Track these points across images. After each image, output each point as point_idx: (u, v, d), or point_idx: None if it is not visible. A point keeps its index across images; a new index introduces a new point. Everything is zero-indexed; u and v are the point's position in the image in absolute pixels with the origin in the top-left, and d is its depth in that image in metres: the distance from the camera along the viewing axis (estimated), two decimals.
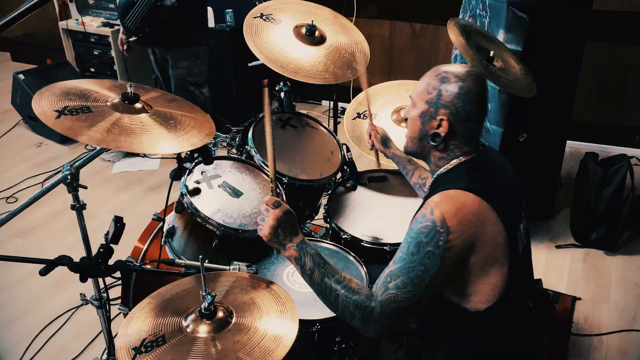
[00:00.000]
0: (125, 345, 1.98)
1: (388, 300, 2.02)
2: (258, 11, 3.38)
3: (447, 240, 1.97)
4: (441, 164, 2.24)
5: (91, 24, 6.58)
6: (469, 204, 2.03)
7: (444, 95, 2.14)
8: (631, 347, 3.64)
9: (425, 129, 2.21)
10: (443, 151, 2.22)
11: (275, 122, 3.45)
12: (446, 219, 1.98)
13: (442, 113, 2.14)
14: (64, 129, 2.15)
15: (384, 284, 2.05)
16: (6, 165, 5.77)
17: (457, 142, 2.19)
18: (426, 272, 1.99)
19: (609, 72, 5.53)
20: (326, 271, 2.13)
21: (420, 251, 1.99)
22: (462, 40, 3.09)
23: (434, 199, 2.06)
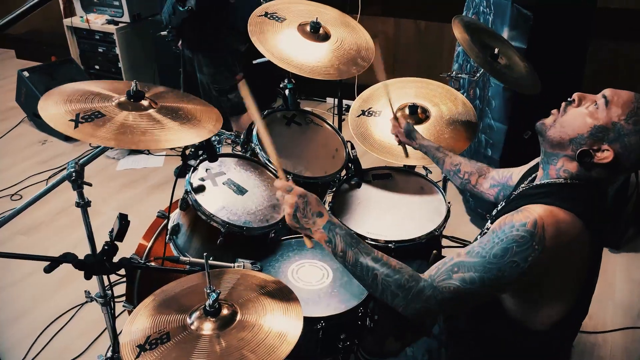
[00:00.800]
0: (130, 343, 1.99)
1: (446, 289, 1.94)
2: (262, 10, 3.38)
3: (538, 257, 1.85)
4: (563, 175, 2.10)
5: (96, 22, 6.58)
6: (573, 230, 1.91)
7: (633, 138, 1.97)
8: (635, 345, 3.64)
9: (586, 142, 2.03)
10: (578, 169, 2.07)
11: (280, 120, 3.45)
12: (547, 238, 1.86)
13: (616, 148, 1.98)
14: (86, 137, 2.17)
15: (448, 272, 1.96)
16: (11, 162, 5.78)
17: (598, 175, 2.04)
18: (501, 278, 1.90)
19: (613, 70, 5.52)
20: (360, 250, 2.06)
21: (505, 258, 1.89)
22: (466, 37, 3.09)
23: (540, 212, 1.91)
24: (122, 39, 6.57)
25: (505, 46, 3.32)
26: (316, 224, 2.14)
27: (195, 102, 2.63)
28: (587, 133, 2.02)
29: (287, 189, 2.18)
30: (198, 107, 2.58)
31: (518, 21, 3.90)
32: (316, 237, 2.15)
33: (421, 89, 3.54)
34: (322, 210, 2.15)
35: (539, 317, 2.05)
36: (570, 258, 1.93)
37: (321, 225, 2.13)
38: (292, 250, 2.95)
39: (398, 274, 1.99)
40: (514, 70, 3.21)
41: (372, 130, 3.39)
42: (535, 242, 1.85)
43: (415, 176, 3.46)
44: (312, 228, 2.14)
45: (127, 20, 6.54)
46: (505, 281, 1.90)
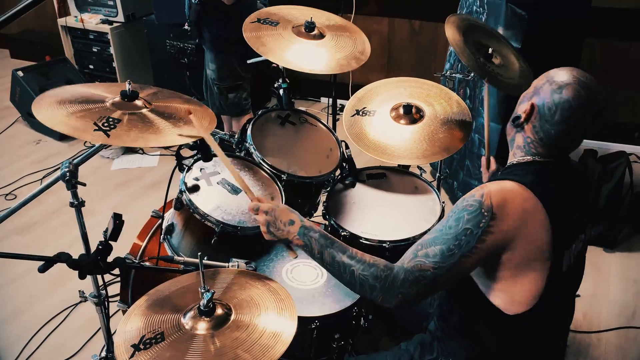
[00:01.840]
0: (124, 342, 1.98)
1: (414, 268, 2.02)
2: (255, 17, 3.41)
3: (488, 224, 1.99)
4: (517, 153, 2.27)
5: (90, 21, 6.57)
6: (522, 199, 2.03)
7: (543, 88, 2.17)
8: (630, 344, 3.65)
9: (517, 109, 2.29)
10: (522, 140, 2.25)
11: (274, 119, 3.45)
12: (494, 205, 2.00)
13: (534, 100, 2.19)
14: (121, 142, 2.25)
15: (414, 252, 2.07)
16: (5, 162, 5.77)
17: (533, 136, 2.20)
18: (459, 248, 2.00)
19: (608, 69, 5.54)
20: (335, 250, 2.12)
21: (459, 226, 2.02)
22: (458, 38, 3.08)
23: (490, 185, 2.08)
24: (117, 38, 6.57)
25: (501, 44, 3.31)
26: (290, 232, 2.20)
27: (189, 102, 2.64)
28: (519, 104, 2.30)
29: (254, 209, 2.27)
30: (192, 106, 2.58)
31: (513, 21, 3.90)
32: (295, 245, 2.22)
33: (415, 89, 3.54)
34: (293, 217, 2.22)
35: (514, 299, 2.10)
36: (525, 226, 2.02)
37: (295, 232, 2.19)
38: (286, 250, 2.95)
39: (373, 267, 2.06)
40: (509, 70, 3.20)
41: (366, 130, 3.38)
42: (484, 208, 1.99)
43: (409, 176, 3.46)
44: (289, 237, 2.21)
45: (122, 20, 6.54)
46: (464, 251, 2.00)
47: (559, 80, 2.15)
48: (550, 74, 2.21)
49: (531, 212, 2.02)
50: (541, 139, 2.18)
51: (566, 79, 2.15)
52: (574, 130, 2.16)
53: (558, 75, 2.18)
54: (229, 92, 4.80)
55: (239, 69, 4.76)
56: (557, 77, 2.16)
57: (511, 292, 2.10)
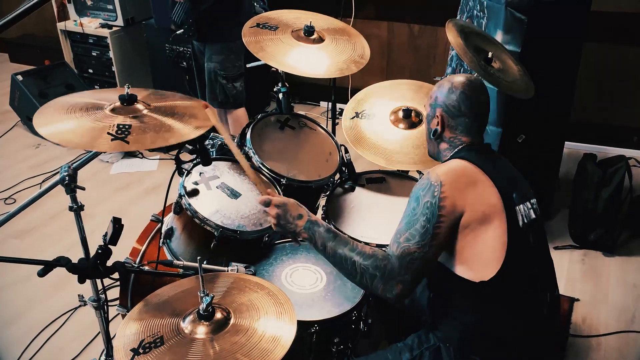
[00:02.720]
0: (124, 347, 1.98)
1: (403, 253, 2.20)
2: (254, 22, 3.41)
3: (440, 191, 2.22)
4: (447, 154, 2.51)
5: (89, 25, 6.58)
6: (462, 166, 2.34)
7: (438, 97, 2.50)
8: (629, 348, 3.64)
9: (430, 128, 2.57)
10: (446, 143, 2.52)
11: (274, 123, 3.45)
12: (439, 175, 2.26)
13: (438, 111, 2.50)
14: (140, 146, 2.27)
15: (396, 241, 2.24)
16: (4, 166, 5.77)
17: (454, 134, 2.50)
18: (428, 221, 2.21)
19: (607, 73, 5.54)
20: (337, 243, 2.29)
21: (420, 203, 2.25)
22: (460, 41, 3.09)
23: (432, 168, 2.35)
24: (116, 42, 6.57)
25: (499, 50, 3.32)
26: (298, 225, 2.35)
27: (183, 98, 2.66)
28: (427, 125, 2.63)
29: (265, 202, 2.38)
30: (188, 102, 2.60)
31: (512, 25, 3.90)
32: (302, 237, 2.37)
33: (415, 93, 3.54)
34: (301, 212, 2.38)
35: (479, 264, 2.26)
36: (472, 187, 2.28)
37: (302, 226, 2.34)
38: (285, 254, 2.95)
39: (372, 257, 2.23)
40: (508, 74, 3.20)
41: (365, 135, 3.38)
42: (433, 180, 2.26)
43: (409, 180, 3.46)
44: (296, 230, 2.35)
45: (121, 24, 6.54)
46: (433, 223, 2.21)
47: (447, 85, 2.49)
48: (434, 89, 2.55)
49: (473, 176, 2.30)
50: (461, 131, 2.48)
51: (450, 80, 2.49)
52: (479, 111, 2.51)
53: (442, 84, 2.52)
54: (235, 82, 4.85)
55: (242, 58, 4.89)
56: (444, 85, 2.50)
57: (474, 257, 2.27)
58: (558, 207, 4.90)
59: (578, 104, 4.58)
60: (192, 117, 2.44)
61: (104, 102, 2.44)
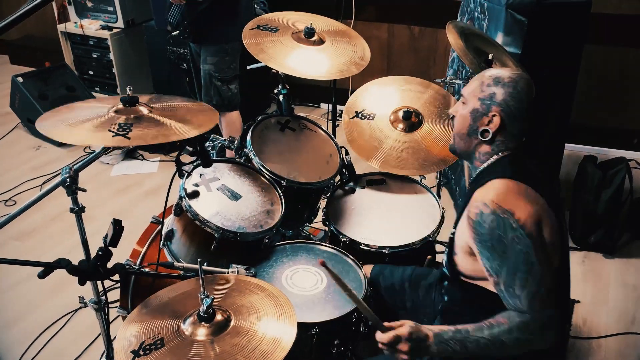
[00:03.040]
0: (124, 348, 1.99)
1: (529, 299, 2.07)
2: (254, 24, 3.42)
3: (516, 219, 2.05)
4: (484, 159, 2.35)
5: (90, 27, 6.58)
6: (517, 188, 2.14)
7: (498, 94, 2.26)
8: (629, 350, 3.64)
9: (476, 125, 2.32)
10: (488, 146, 2.33)
11: (274, 125, 3.45)
12: (501, 204, 2.08)
13: (495, 110, 2.27)
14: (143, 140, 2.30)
15: (512, 296, 2.11)
16: (5, 168, 5.77)
17: (504, 138, 2.31)
18: (528, 254, 2.06)
19: (607, 75, 5.54)
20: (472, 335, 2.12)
21: (506, 243, 2.07)
22: (460, 43, 3.09)
23: (480, 196, 2.16)
24: (116, 44, 6.57)
25: (499, 52, 3.32)
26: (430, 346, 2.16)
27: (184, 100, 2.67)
28: (471, 120, 2.34)
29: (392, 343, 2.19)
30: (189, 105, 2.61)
31: (512, 27, 3.90)
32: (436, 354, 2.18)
33: (415, 92, 3.55)
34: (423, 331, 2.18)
35: None
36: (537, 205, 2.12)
37: (434, 345, 2.15)
38: (286, 255, 2.95)
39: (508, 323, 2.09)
40: None
41: (365, 138, 3.38)
42: (500, 213, 2.07)
43: (409, 182, 3.46)
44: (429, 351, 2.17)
45: (121, 25, 6.54)
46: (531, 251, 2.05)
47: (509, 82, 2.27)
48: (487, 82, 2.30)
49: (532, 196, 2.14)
50: (513, 137, 2.32)
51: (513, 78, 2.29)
52: (531, 115, 2.33)
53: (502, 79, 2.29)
54: (230, 84, 4.83)
55: (237, 60, 4.87)
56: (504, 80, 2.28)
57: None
58: None
59: (578, 105, 4.57)
60: (193, 119, 2.45)
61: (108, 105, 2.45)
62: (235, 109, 4.98)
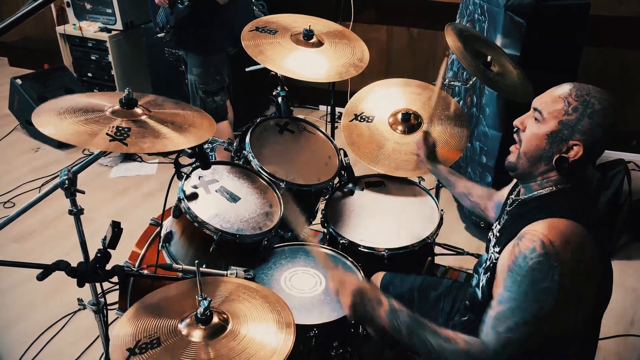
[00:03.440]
0: (120, 346, 1.99)
1: (504, 345, 1.95)
2: (253, 25, 3.41)
3: (561, 273, 1.87)
4: (546, 185, 2.14)
5: (89, 29, 6.57)
6: (578, 236, 1.92)
7: (584, 121, 2.02)
8: (628, 352, 3.64)
9: (551, 151, 2.08)
10: (555, 175, 2.11)
11: (273, 127, 3.45)
12: (559, 252, 1.88)
13: (578, 138, 2.03)
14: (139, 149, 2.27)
15: (493, 329, 1.97)
16: (4, 170, 5.77)
17: (576, 170, 2.09)
18: (541, 309, 1.90)
19: (606, 77, 5.54)
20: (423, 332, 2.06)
21: (535, 289, 1.89)
22: (459, 45, 3.10)
23: (542, 230, 1.93)
24: (115, 46, 6.57)
25: (498, 54, 3.32)
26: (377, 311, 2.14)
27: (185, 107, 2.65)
28: (547, 145, 2.09)
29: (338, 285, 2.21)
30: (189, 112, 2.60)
31: (511, 29, 3.90)
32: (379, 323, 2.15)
33: (418, 95, 3.55)
34: (379, 296, 2.17)
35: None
36: (590, 260, 1.94)
37: (383, 313, 2.13)
38: (285, 257, 2.95)
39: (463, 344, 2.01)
40: (507, 78, 3.21)
41: (364, 140, 3.39)
42: (552, 260, 1.86)
43: (408, 184, 3.46)
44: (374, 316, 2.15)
45: (120, 28, 6.54)
46: (547, 310, 1.89)
47: (599, 108, 2.03)
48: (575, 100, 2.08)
49: (586, 247, 1.93)
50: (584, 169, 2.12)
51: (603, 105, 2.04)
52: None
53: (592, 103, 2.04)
54: (215, 95, 4.77)
55: (224, 71, 4.79)
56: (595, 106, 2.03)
57: None
58: None
59: None
60: (191, 127, 2.45)
61: (107, 104, 2.45)
62: (223, 119, 4.91)
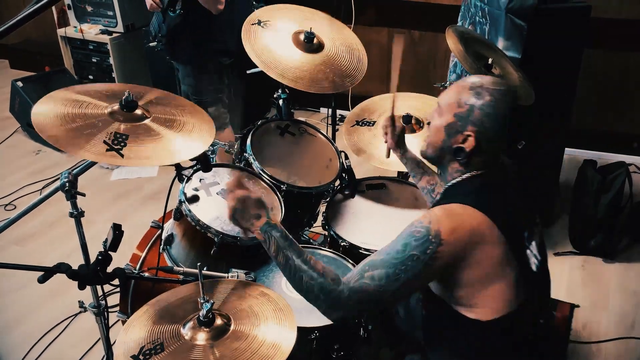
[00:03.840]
0: (124, 353, 1.98)
1: (359, 288, 2.03)
2: (255, 18, 3.39)
3: (435, 251, 1.98)
4: (456, 175, 2.25)
5: (90, 31, 6.58)
6: (468, 221, 2.04)
7: (475, 113, 2.14)
8: (629, 355, 3.64)
9: (450, 142, 2.21)
10: (461, 165, 2.22)
11: (274, 130, 3.45)
12: (441, 232, 1.99)
13: (470, 129, 2.15)
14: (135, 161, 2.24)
15: (361, 272, 2.06)
16: (4, 172, 5.77)
17: (479, 159, 2.20)
18: (404, 272, 2.00)
19: (607, 79, 5.54)
20: (290, 252, 2.13)
21: (406, 252, 2.01)
22: (460, 47, 3.10)
23: (437, 211, 2.07)
24: (116, 49, 6.57)
25: (499, 56, 3.32)
26: (254, 225, 2.21)
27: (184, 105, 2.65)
28: (445, 135, 2.22)
29: (229, 190, 2.29)
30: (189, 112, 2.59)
31: (512, 31, 3.90)
32: (255, 235, 2.23)
33: (419, 101, 3.55)
34: (260, 212, 2.24)
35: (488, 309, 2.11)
36: (477, 245, 2.03)
37: (258, 227, 2.20)
38: None
39: (322, 277, 2.07)
40: (508, 80, 3.21)
41: (365, 139, 3.39)
42: (432, 235, 1.99)
43: (409, 186, 3.47)
44: (251, 228, 2.22)
45: (121, 30, 6.54)
46: (410, 275, 2.01)
47: (488, 97, 2.14)
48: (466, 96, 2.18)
49: (480, 230, 2.04)
50: (486, 158, 2.21)
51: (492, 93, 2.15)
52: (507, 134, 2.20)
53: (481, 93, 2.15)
54: (209, 106, 4.60)
55: (219, 80, 4.64)
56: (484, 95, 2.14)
57: (480, 304, 2.11)
58: (558, 213, 4.90)
59: (578, 110, 4.58)
60: (193, 130, 2.44)
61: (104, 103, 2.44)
62: (222, 129, 4.76)
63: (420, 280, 2.05)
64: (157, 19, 4.40)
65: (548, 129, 4.32)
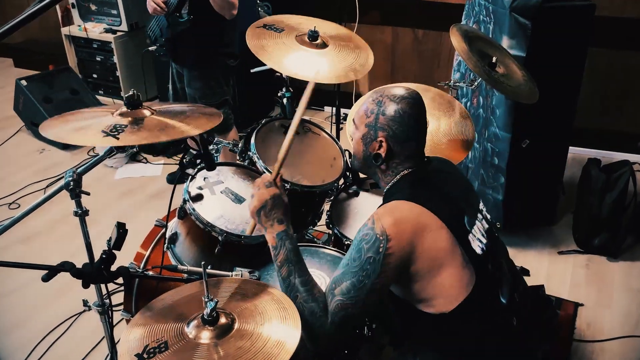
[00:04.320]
0: (128, 352, 1.98)
1: (337, 308, 2.15)
2: (261, 22, 3.39)
3: (386, 247, 2.11)
4: (388, 179, 2.42)
5: (94, 30, 6.59)
6: (408, 213, 2.20)
7: (381, 119, 2.33)
8: (633, 354, 3.64)
9: (368, 151, 2.41)
10: (387, 169, 2.40)
11: (278, 128, 3.45)
12: (385, 228, 2.13)
13: (382, 135, 2.34)
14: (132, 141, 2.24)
15: (331, 291, 2.19)
16: (9, 171, 5.78)
17: (399, 159, 2.37)
18: (367, 277, 2.12)
19: (611, 78, 5.53)
20: (295, 270, 2.25)
21: (362, 257, 2.14)
22: (464, 46, 3.09)
23: (378, 212, 2.23)
24: (120, 47, 6.58)
25: (503, 55, 3.32)
26: (273, 227, 2.33)
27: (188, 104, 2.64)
28: (363, 146, 2.42)
29: (266, 184, 2.38)
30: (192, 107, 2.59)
31: (517, 30, 3.90)
32: (267, 237, 2.35)
33: None
34: (285, 218, 2.36)
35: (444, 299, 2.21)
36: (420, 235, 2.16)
37: (276, 232, 2.32)
38: None
39: (314, 302, 2.20)
40: (512, 79, 3.21)
41: None
42: (379, 233, 2.13)
43: None
44: (268, 229, 2.34)
45: (125, 29, 6.55)
46: (373, 278, 2.12)
47: (389, 104, 2.33)
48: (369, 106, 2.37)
49: (421, 220, 2.18)
50: (406, 157, 2.37)
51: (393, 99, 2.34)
52: (424, 132, 2.42)
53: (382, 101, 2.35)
54: (217, 108, 4.57)
55: (224, 83, 4.65)
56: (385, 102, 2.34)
57: (437, 295, 2.21)
58: (562, 212, 4.90)
59: (582, 108, 4.57)
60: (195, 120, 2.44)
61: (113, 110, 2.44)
62: (229, 130, 4.76)
63: (383, 281, 2.15)
64: (158, 23, 4.40)
65: (552, 127, 4.32)
